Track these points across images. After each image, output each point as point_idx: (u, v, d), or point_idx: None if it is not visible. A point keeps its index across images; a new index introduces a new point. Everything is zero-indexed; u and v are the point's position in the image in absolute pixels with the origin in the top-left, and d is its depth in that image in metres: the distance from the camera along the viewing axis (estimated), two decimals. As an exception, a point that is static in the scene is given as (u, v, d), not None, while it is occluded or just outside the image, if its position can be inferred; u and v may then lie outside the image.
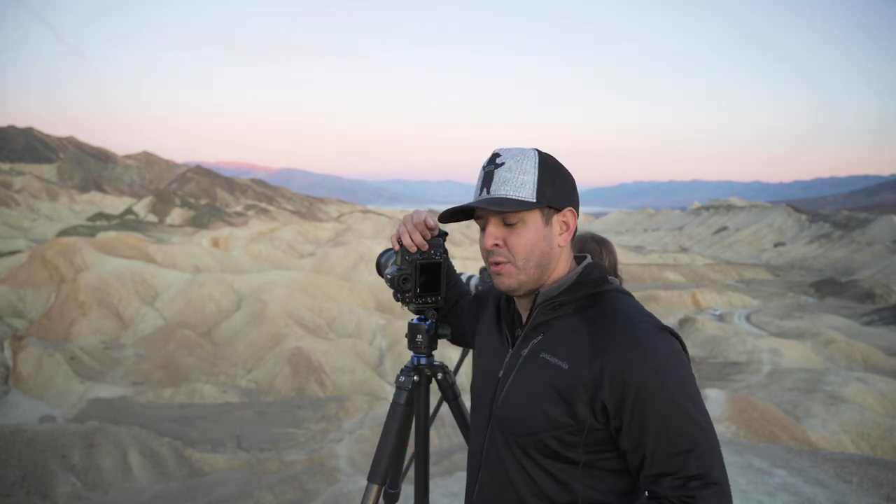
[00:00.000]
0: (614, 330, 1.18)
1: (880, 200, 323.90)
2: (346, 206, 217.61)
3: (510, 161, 1.27)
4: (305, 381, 37.41)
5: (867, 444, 25.06)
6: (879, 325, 59.74)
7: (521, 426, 1.24)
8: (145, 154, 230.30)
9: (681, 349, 1.21)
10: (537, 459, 1.23)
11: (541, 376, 1.23)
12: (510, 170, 1.26)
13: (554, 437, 1.20)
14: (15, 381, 36.94)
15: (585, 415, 1.17)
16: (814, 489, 4.90)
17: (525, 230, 1.27)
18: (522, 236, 1.27)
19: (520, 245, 1.27)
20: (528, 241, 1.27)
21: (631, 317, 1.21)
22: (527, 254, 1.27)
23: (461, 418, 1.70)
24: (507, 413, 1.28)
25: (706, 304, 70.84)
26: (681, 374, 1.16)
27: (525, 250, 1.27)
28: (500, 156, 1.29)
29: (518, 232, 1.27)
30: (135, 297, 49.97)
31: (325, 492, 14.95)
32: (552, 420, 1.19)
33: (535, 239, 1.27)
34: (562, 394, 1.19)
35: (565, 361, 1.20)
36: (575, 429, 1.18)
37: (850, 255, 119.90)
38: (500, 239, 1.28)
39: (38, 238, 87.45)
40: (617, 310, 1.23)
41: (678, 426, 1.12)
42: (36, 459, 21.16)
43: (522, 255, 1.27)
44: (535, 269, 1.28)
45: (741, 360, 41.14)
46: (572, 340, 1.22)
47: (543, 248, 1.28)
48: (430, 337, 1.63)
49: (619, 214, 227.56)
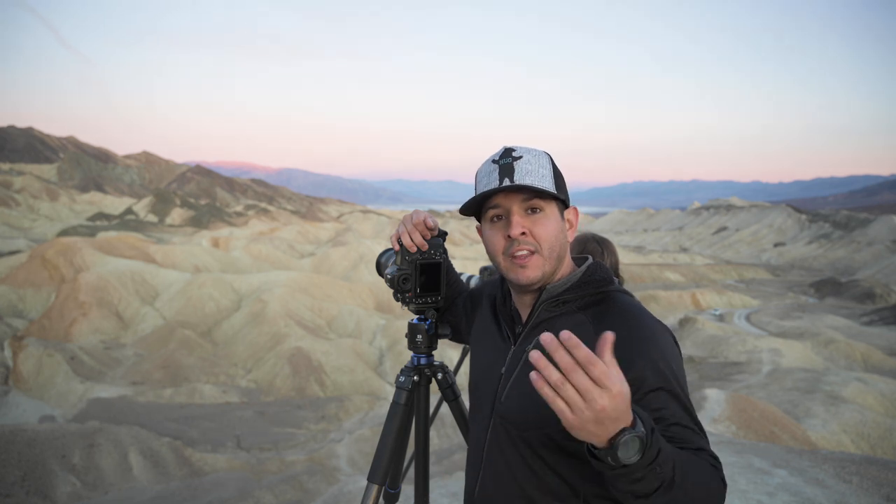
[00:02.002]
0: (621, 325, 1.20)
1: (880, 200, 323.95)
2: (346, 206, 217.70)
3: (528, 155, 1.30)
4: (305, 381, 37.41)
5: (867, 444, 25.05)
6: (879, 325, 59.74)
7: (526, 421, 1.25)
8: (145, 154, 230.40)
9: (679, 354, 1.27)
10: (541, 454, 1.24)
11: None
12: (530, 163, 1.29)
13: (560, 431, 1.19)
14: (15, 381, 36.94)
15: None
16: (814, 489, 4.90)
17: (547, 220, 1.30)
18: (546, 225, 1.30)
19: (544, 234, 1.29)
20: (551, 230, 1.30)
21: (636, 313, 1.25)
22: (551, 242, 1.30)
23: (461, 418, 1.70)
24: (511, 408, 1.29)
25: (706, 304, 70.86)
26: (680, 371, 1.22)
27: (550, 238, 1.30)
28: (516, 150, 1.32)
29: (542, 221, 1.30)
30: (135, 297, 49.97)
31: (325, 492, 14.96)
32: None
33: (556, 229, 1.31)
34: None
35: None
36: None
37: (850, 255, 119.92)
38: (526, 228, 1.30)
39: (38, 238, 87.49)
40: (622, 307, 1.27)
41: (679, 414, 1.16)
42: (36, 459, 21.15)
43: (548, 244, 1.30)
44: (555, 261, 1.31)
45: (741, 360, 41.12)
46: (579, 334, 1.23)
47: (562, 240, 1.32)
48: (430, 337, 1.63)
49: (619, 214, 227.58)
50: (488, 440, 1.34)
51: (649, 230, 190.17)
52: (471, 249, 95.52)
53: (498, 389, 1.33)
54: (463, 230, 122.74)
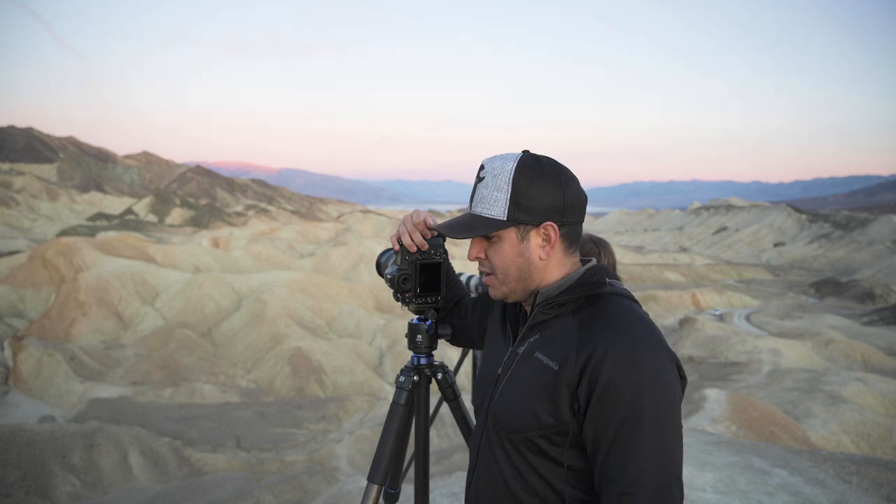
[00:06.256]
0: (602, 331, 1.17)
1: (880, 200, 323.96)
2: (346, 206, 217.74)
3: (488, 177, 1.28)
4: (305, 381, 37.41)
5: (867, 444, 25.06)
6: (879, 325, 59.75)
7: (511, 424, 1.25)
8: (145, 154, 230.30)
9: (670, 370, 1.15)
10: (527, 456, 1.24)
11: (532, 376, 1.24)
12: (486, 186, 1.27)
13: (542, 437, 1.21)
14: (15, 381, 36.93)
15: (567, 416, 1.17)
16: (814, 489, 4.90)
17: (501, 246, 1.28)
18: (499, 252, 1.29)
19: (497, 260, 1.29)
20: (504, 256, 1.28)
21: (623, 316, 1.19)
22: (505, 268, 1.29)
23: (461, 418, 1.70)
24: (499, 410, 1.29)
25: (706, 304, 70.89)
26: (659, 394, 1.10)
27: (503, 265, 1.29)
28: (484, 168, 1.30)
29: (495, 247, 1.29)
30: (135, 297, 49.97)
31: (325, 492, 14.96)
32: (539, 420, 1.20)
33: (511, 255, 1.28)
34: (549, 394, 1.19)
35: (555, 362, 1.20)
36: (559, 430, 1.18)
37: (850, 255, 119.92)
38: (481, 252, 1.32)
39: (38, 238, 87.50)
40: (609, 312, 1.21)
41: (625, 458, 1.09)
42: (36, 459, 21.15)
43: (501, 270, 1.30)
44: (515, 283, 1.30)
45: (741, 360, 41.12)
46: (564, 341, 1.22)
47: (520, 263, 1.28)
48: (430, 337, 1.63)
49: (619, 214, 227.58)
50: (482, 439, 1.36)
51: (649, 230, 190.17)
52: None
53: (493, 389, 1.35)
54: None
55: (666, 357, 1.15)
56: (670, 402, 1.11)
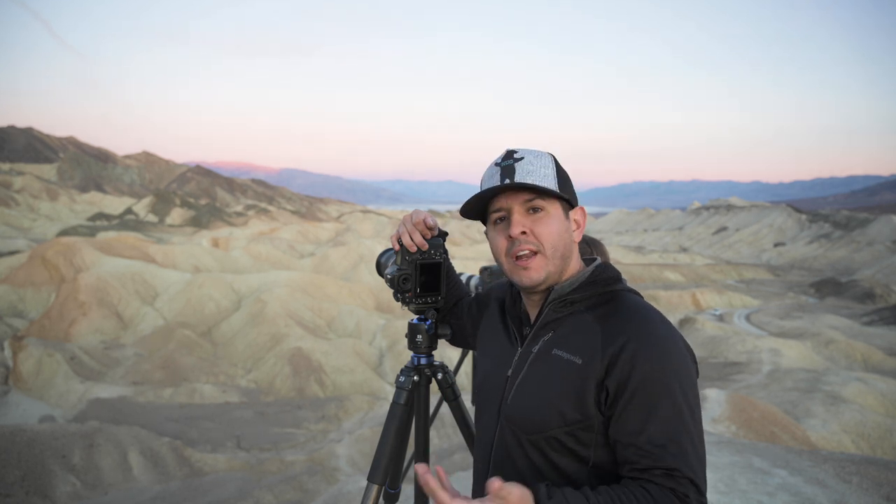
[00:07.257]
0: (628, 323, 1.20)
1: (880, 200, 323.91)
2: (346, 206, 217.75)
3: (529, 156, 1.29)
4: (305, 381, 37.40)
5: (867, 444, 25.07)
6: (879, 325, 59.73)
7: (531, 424, 1.24)
8: (145, 154, 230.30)
9: (690, 360, 1.21)
10: (550, 456, 1.23)
11: (553, 372, 1.23)
12: (531, 163, 1.28)
13: (567, 433, 1.20)
14: (15, 381, 36.93)
15: (592, 410, 1.18)
16: (814, 489, 4.90)
17: (550, 219, 1.28)
18: (548, 225, 1.27)
19: (547, 233, 1.27)
20: (554, 229, 1.28)
21: (645, 313, 1.23)
22: (554, 242, 1.27)
23: (461, 418, 1.70)
24: (517, 411, 1.28)
25: (706, 304, 70.86)
26: (686, 378, 1.17)
27: (552, 238, 1.27)
28: (518, 152, 1.30)
29: (544, 221, 1.27)
30: (135, 297, 49.96)
31: (325, 492, 14.98)
32: (564, 416, 1.20)
33: (559, 228, 1.28)
34: (575, 388, 1.19)
35: (579, 357, 1.21)
36: (585, 425, 1.18)
37: (850, 255, 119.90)
38: (526, 227, 1.28)
39: (38, 238, 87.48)
40: (631, 307, 1.25)
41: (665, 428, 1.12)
42: (36, 459, 21.15)
43: (550, 244, 1.27)
44: (560, 261, 1.29)
45: (741, 360, 41.14)
46: (586, 336, 1.22)
47: (566, 239, 1.30)
48: (430, 337, 1.63)
49: (619, 214, 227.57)
50: (495, 442, 1.34)
51: (649, 230, 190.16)
52: (471, 249, 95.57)
53: (504, 392, 1.33)
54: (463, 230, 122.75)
55: (686, 351, 1.21)
56: (696, 392, 1.18)
